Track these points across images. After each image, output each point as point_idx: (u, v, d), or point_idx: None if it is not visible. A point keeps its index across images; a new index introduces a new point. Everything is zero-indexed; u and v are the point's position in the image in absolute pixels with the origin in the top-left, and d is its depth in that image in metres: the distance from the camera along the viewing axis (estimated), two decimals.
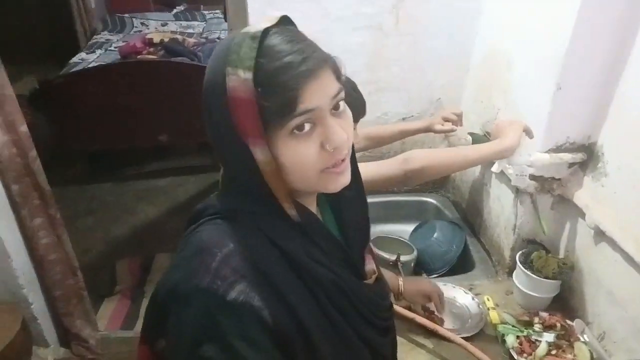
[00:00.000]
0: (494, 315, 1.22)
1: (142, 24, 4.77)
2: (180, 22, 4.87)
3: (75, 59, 3.82)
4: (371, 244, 0.79)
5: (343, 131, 0.58)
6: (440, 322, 1.19)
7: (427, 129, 1.45)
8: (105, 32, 4.60)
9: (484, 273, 1.40)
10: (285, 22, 0.61)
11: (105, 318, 2.16)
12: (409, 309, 1.20)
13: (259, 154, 0.56)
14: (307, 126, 0.56)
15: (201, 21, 4.91)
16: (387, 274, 1.16)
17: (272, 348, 0.55)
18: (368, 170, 1.11)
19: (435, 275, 1.47)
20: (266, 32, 0.56)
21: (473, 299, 1.27)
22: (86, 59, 3.82)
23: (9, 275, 1.64)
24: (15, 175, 1.55)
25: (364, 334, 0.67)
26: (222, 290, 0.54)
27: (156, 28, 4.67)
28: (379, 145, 1.58)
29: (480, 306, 1.25)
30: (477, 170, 1.60)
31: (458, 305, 1.27)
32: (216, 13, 5.03)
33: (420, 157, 1.13)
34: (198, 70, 3.22)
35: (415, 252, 1.47)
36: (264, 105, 0.54)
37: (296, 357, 0.58)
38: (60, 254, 1.75)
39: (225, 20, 2.77)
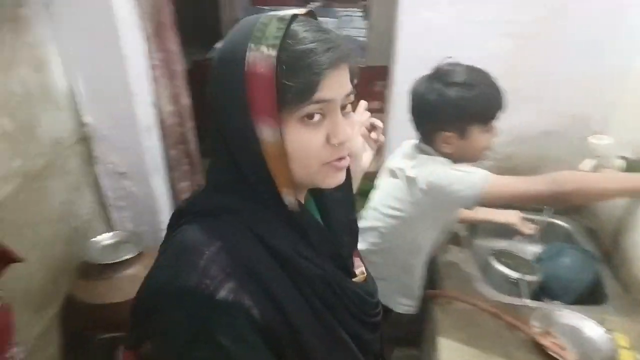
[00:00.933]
0: (626, 356, 1.12)
1: None
2: None
3: (218, 45, 4.18)
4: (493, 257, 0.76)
5: (350, 128, 0.60)
6: (563, 349, 1.13)
7: (508, 225, 1.43)
8: None
9: (618, 309, 1.29)
10: (312, 15, 0.62)
11: None
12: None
13: (268, 133, 0.55)
14: (317, 116, 0.57)
15: (334, 18, 5.07)
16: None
17: (262, 346, 0.55)
18: (517, 185, 1.09)
19: (560, 303, 1.38)
20: (294, 17, 0.57)
21: (605, 333, 1.18)
22: None
23: (156, 228, 1.88)
24: (173, 141, 1.77)
25: (353, 329, 0.67)
26: (211, 289, 0.53)
27: None
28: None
29: (611, 343, 1.15)
30: None
31: (585, 337, 1.19)
32: (349, 11, 5.16)
33: (571, 179, 1.07)
34: None
35: (539, 274, 1.40)
36: (284, 85, 0.54)
37: (286, 354, 0.58)
38: None
39: (364, 19, 2.84)
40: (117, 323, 1.58)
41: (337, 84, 0.57)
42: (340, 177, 0.63)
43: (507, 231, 1.55)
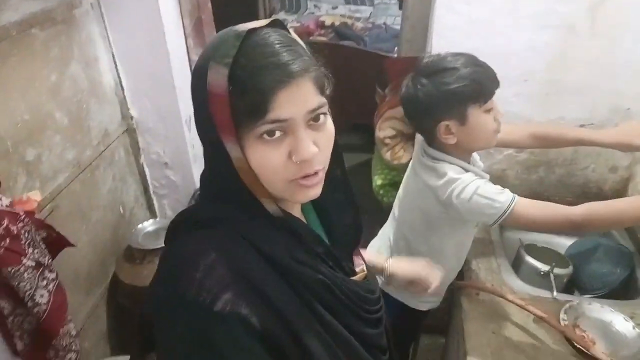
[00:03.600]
0: None
1: (315, 6, 5.09)
2: (350, 5, 5.07)
3: None
4: (523, 250, 0.76)
5: (314, 145, 0.57)
6: (592, 342, 1.14)
7: (620, 147, 1.24)
8: (282, 12, 5.02)
9: None
10: (278, 25, 0.60)
11: None
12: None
13: (232, 151, 0.56)
14: (277, 133, 0.55)
15: (369, 6, 5.05)
16: (373, 256, 1.08)
17: (264, 354, 0.55)
18: (542, 212, 1.11)
19: (591, 296, 1.38)
20: (252, 31, 0.56)
21: (634, 327, 1.17)
22: None
23: None
24: None
25: (355, 328, 0.66)
26: (208, 301, 0.54)
27: (327, 11, 4.95)
28: (545, 147, 1.49)
29: None
30: None
31: (614, 330, 1.19)
32: None
33: (596, 214, 1.08)
34: (362, 54, 3.37)
35: (571, 267, 1.39)
36: (237, 104, 0.54)
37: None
38: None
39: (400, 8, 2.82)
40: None
41: (293, 102, 0.54)
42: (312, 193, 0.61)
43: None
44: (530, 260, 1.39)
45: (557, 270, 1.35)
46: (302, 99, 0.55)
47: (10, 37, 1.23)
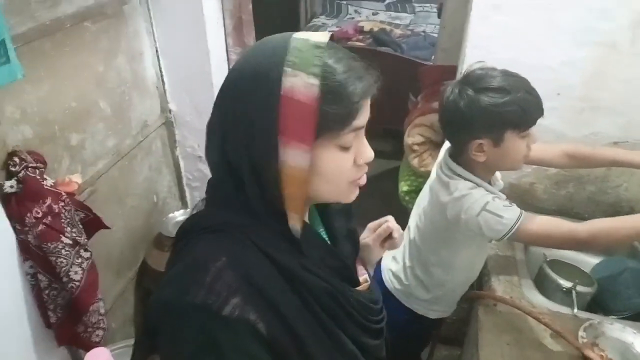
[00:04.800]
0: None
1: (355, 11, 5.12)
2: (390, 12, 5.08)
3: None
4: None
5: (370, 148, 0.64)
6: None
7: None
8: (323, 17, 5.08)
9: None
10: (332, 39, 0.62)
11: None
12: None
13: (295, 157, 0.56)
14: (352, 139, 0.61)
15: (410, 13, 5.05)
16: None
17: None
18: (549, 229, 1.11)
19: (614, 317, 1.35)
20: (328, 44, 0.58)
21: None
22: None
23: None
24: None
25: (358, 339, 0.67)
26: (217, 305, 0.54)
27: (367, 16, 4.97)
28: (580, 167, 1.47)
29: None
30: None
31: (635, 353, 1.16)
32: (426, 7, 5.11)
33: (604, 233, 1.08)
34: (399, 61, 3.38)
35: (595, 286, 1.37)
36: (326, 113, 0.56)
37: None
38: None
39: (439, 17, 2.82)
40: None
41: (367, 111, 0.61)
42: (357, 192, 0.67)
43: None
44: (552, 275, 1.37)
45: (580, 288, 1.33)
46: (369, 107, 0.62)
47: (64, 28, 1.31)
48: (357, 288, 0.72)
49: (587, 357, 1.11)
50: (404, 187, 2.09)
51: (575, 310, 1.27)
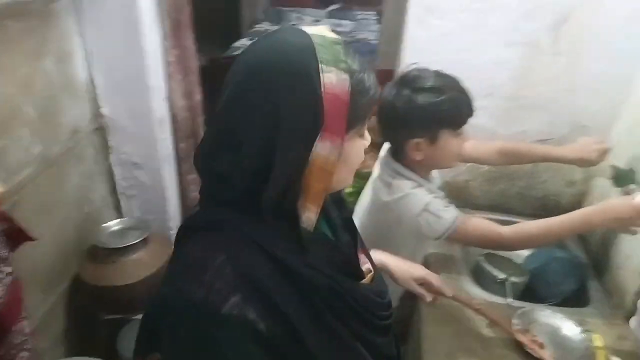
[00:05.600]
0: (601, 356, 1.17)
1: (298, 18, 5.15)
2: (332, 20, 5.15)
3: (238, 44, 4.29)
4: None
5: None
6: (540, 346, 1.18)
7: (578, 163, 1.36)
8: (266, 23, 5.06)
9: (598, 312, 1.33)
10: None
11: None
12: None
13: (328, 149, 0.57)
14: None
15: (351, 20, 5.14)
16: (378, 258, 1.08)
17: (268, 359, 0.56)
18: (482, 231, 1.16)
19: (545, 304, 1.43)
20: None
21: (580, 333, 1.22)
22: (247, 44, 4.26)
23: (162, 215, 1.97)
24: (183, 135, 1.86)
25: (364, 336, 0.67)
26: (216, 304, 0.54)
27: (309, 24, 5.00)
28: (512, 163, 1.54)
29: (587, 343, 1.20)
30: None
31: (562, 335, 1.23)
32: (367, 14, 5.23)
33: (527, 234, 1.15)
34: None
35: (527, 276, 1.44)
36: (357, 105, 0.59)
37: None
38: None
39: (379, 23, 2.90)
40: (121, 305, 1.66)
41: None
42: None
43: None
44: (487, 268, 1.44)
45: (513, 279, 1.40)
46: None
47: None
48: (362, 281, 0.71)
49: (520, 341, 1.16)
50: (348, 188, 2.11)
51: (509, 299, 1.33)
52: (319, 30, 0.61)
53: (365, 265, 0.75)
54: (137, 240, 1.68)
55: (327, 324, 0.61)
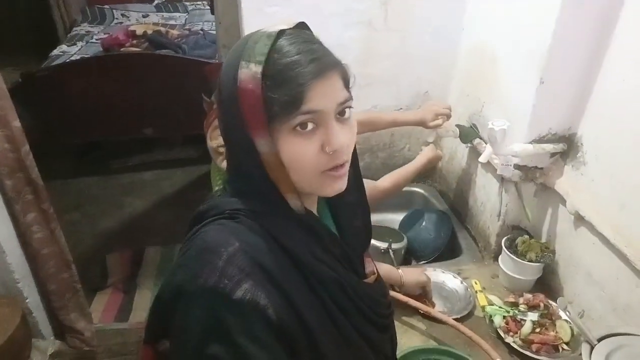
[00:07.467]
0: (481, 298, 1.29)
1: (123, 15, 4.70)
2: (162, 13, 4.81)
3: (56, 52, 3.76)
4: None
5: (344, 136, 0.60)
6: (432, 305, 1.26)
7: (420, 124, 1.51)
8: (85, 24, 4.53)
9: (471, 258, 1.47)
10: (302, 27, 0.64)
11: (98, 311, 2.17)
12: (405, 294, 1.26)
13: (262, 145, 0.58)
14: (310, 125, 0.58)
15: (183, 12, 4.87)
16: (387, 267, 1.22)
17: (276, 345, 0.56)
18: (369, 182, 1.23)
19: (424, 262, 1.53)
20: (282, 32, 0.59)
21: (461, 282, 1.34)
22: (67, 51, 3.76)
23: (4, 270, 1.64)
24: (8, 170, 1.55)
25: (365, 331, 0.68)
26: (228, 289, 0.55)
27: (137, 20, 4.62)
28: (370, 131, 1.62)
29: (469, 289, 1.32)
30: (463, 160, 1.67)
31: (447, 289, 1.34)
32: (198, 4, 4.99)
33: (384, 184, 1.42)
34: (183, 63, 3.21)
35: (405, 240, 1.53)
36: (270, 98, 0.56)
37: (300, 355, 0.59)
38: (54, 248, 1.75)
39: (212, 13, 2.76)
40: None
41: (325, 94, 0.58)
42: (340, 185, 0.64)
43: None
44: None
45: (394, 245, 1.46)
46: (333, 91, 0.59)
47: None
48: (365, 280, 0.73)
49: (414, 306, 1.22)
50: (216, 189, 2.00)
51: (396, 265, 1.40)
52: (272, 25, 0.60)
53: (369, 269, 0.77)
54: None
55: (332, 316, 0.63)
